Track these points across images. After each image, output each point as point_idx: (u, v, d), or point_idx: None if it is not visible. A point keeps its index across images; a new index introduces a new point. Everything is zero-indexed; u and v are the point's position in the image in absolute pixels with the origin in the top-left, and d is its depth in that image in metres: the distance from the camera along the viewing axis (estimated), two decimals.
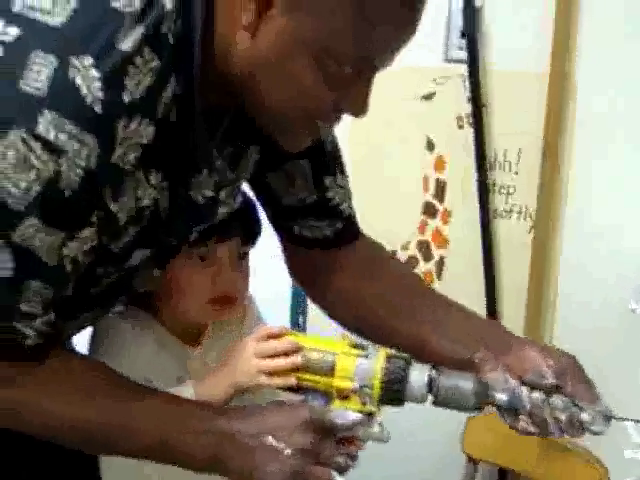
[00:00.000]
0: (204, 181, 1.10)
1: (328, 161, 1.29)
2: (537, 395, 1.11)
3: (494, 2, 2.06)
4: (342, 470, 1.07)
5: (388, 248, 2.20)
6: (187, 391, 1.26)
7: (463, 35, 2.07)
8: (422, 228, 2.23)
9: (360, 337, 1.35)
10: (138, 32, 0.93)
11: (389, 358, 1.09)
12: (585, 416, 1.09)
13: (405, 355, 1.11)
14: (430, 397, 1.10)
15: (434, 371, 1.10)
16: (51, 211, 0.93)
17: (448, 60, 2.11)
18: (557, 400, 1.10)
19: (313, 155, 1.24)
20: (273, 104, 1.00)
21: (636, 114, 1.97)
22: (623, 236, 2.03)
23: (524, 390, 1.11)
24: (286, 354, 1.15)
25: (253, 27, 0.95)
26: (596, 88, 2.00)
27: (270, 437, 1.04)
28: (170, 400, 1.10)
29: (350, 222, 1.33)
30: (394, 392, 1.08)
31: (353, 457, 1.09)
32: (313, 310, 2.37)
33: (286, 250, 1.37)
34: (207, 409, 1.11)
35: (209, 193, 1.11)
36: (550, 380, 1.11)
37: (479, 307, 2.16)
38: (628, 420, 1.14)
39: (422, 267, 2.25)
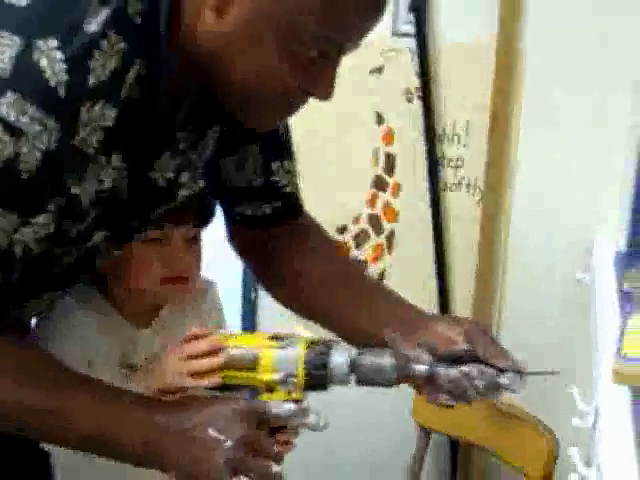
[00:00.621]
0: (165, 163, 1.10)
1: (278, 146, 1.29)
2: (454, 370, 1.12)
3: None
4: (278, 459, 1.06)
5: (339, 222, 2.24)
6: None
7: (411, 9, 2.07)
8: (372, 202, 2.24)
9: (298, 316, 1.37)
10: (104, 14, 0.92)
11: (309, 345, 1.11)
12: (503, 380, 1.10)
13: (325, 339, 1.13)
14: (353, 377, 1.11)
15: (354, 351, 1.12)
16: (7, 193, 0.92)
17: (396, 34, 2.10)
18: (472, 369, 1.11)
19: (264, 140, 1.25)
20: (239, 83, 1.01)
21: (583, 85, 1.99)
22: (570, 208, 2.06)
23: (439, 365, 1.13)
24: (209, 354, 1.16)
25: (220, 6, 0.95)
26: (543, 61, 2.02)
27: (210, 429, 1.04)
28: (108, 390, 1.08)
29: (290, 200, 1.33)
30: (317, 377, 1.10)
31: (287, 446, 1.11)
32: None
33: (231, 230, 1.38)
34: (144, 401, 1.10)
35: (170, 175, 1.11)
36: (462, 346, 1.13)
37: (429, 279, 2.18)
38: (541, 374, 1.14)
39: (373, 240, 2.25)
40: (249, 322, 2.39)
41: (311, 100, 1.06)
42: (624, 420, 1.19)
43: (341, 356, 1.10)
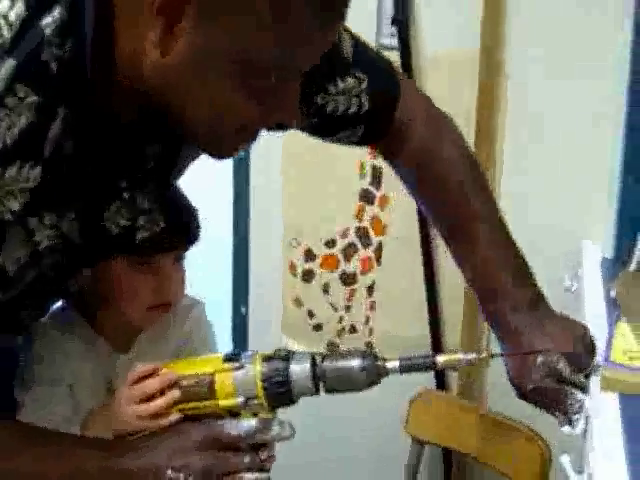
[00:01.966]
0: (116, 212, 1.05)
1: (310, 81, 1.09)
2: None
3: None
4: (253, 470, 1.04)
5: (326, 235, 2.25)
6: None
7: (393, 22, 2.08)
8: (360, 215, 2.24)
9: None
10: (8, 66, 0.84)
11: (265, 361, 1.05)
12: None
13: (283, 351, 1.06)
14: (321, 386, 1.06)
15: (318, 358, 1.06)
16: None
17: (380, 47, 2.11)
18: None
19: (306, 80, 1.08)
20: (194, 119, 0.94)
21: (568, 97, 2.00)
22: (558, 215, 2.07)
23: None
24: (162, 391, 1.10)
25: (162, 44, 0.88)
26: (527, 71, 2.03)
27: (169, 470, 1.01)
28: (73, 443, 1.07)
29: (372, 116, 1.25)
30: (280, 394, 1.04)
31: (266, 461, 1.05)
32: (255, 300, 2.38)
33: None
34: (104, 447, 1.07)
35: (124, 222, 1.06)
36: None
37: (418, 291, 2.19)
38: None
39: (361, 254, 2.26)
40: (240, 337, 2.40)
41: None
42: (614, 426, 1.19)
43: (301, 367, 1.04)
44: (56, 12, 0.87)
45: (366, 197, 2.23)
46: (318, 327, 2.32)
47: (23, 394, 1.29)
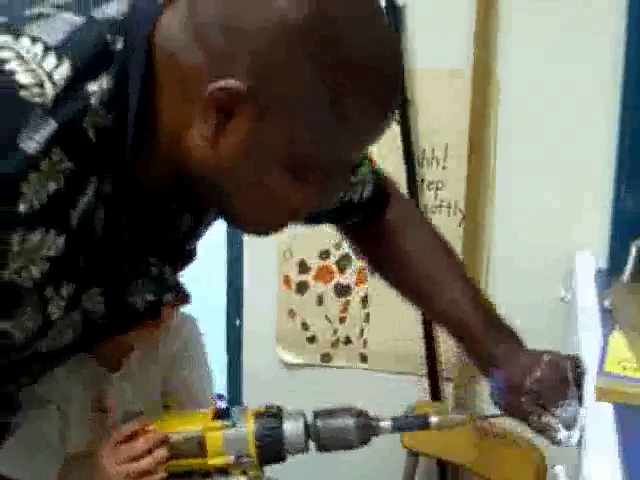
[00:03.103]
0: (141, 288, 1.01)
1: None
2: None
3: (417, 1, 2.08)
4: None
5: (322, 247, 2.24)
6: None
7: None
8: None
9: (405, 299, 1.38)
10: (49, 128, 0.81)
11: (257, 418, 1.05)
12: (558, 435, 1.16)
13: (275, 408, 1.07)
14: (312, 443, 1.06)
15: (310, 417, 1.06)
16: None
17: None
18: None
19: None
20: (242, 210, 0.94)
21: (559, 108, 2.01)
22: (550, 227, 2.08)
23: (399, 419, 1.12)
24: (150, 450, 1.09)
25: (213, 139, 0.86)
26: (519, 83, 2.04)
27: None
28: None
29: (373, 199, 1.29)
30: (272, 453, 1.04)
31: None
32: (249, 313, 2.38)
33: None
34: None
35: (150, 297, 1.02)
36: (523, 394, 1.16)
37: None
38: None
39: (356, 264, 2.26)
40: (234, 349, 2.39)
41: None
42: (608, 437, 1.19)
43: (295, 424, 1.04)
44: (104, 80, 0.85)
45: None
46: (312, 339, 2.32)
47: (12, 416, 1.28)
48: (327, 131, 0.87)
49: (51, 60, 0.83)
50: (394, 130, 2.13)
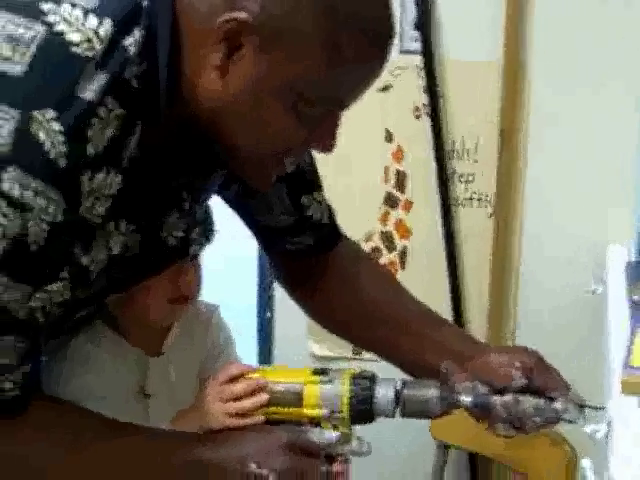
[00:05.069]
0: (174, 223, 1.10)
1: (305, 180, 1.29)
2: (507, 398, 1.12)
3: None
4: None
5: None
6: None
7: (417, 27, 2.09)
8: (384, 219, 2.25)
9: (341, 339, 1.38)
10: (101, 80, 0.90)
11: (354, 379, 1.11)
12: (558, 405, 1.12)
13: (369, 373, 1.12)
14: (398, 410, 1.11)
15: (399, 384, 1.11)
16: (19, 267, 0.91)
17: (403, 51, 2.12)
18: (526, 399, 1.12)
19: (288, 177, 1.24)
20: (243, 144, 1.00)
21: (589, 99, 2.00)
22: (581, 220, 2.07)
23: (492, 395, 1.13)
24: (252, 393, 1.15)
25: (222, 68, 0.94)
26: (549, 75, 2.03)
27: (253, 464, 1.05)
28: (152, 436, 1.10)
29: (330, 229, 1.34)
30: (363, 412, 1.10)
31: (339, 473, 1.11)
32: (280, 305, 2.39)
33: (269, 258, 1.39)
34: (189, 439, 1.12)
35: (180, 234, 1.12)
36: (520, 381, 1.13)
37: (443, 294, 2.19)
38: (598, 408, 1.16)
39: (386, 258, 2.26)
40: (265, 342, 2.41)
41: None
42: (634, 430, 1.19)
43: (386, 390, 1.10)
44: (136, 33, 0.93)
45: (390, 201, 2.23)
46: None
47: None
48: (324, 68, 0.94)
49: (92, 20, 0.91)
50: (425, 123, 2.14)
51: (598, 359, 1.77)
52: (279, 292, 2.37)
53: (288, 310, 2.36)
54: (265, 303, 2.38)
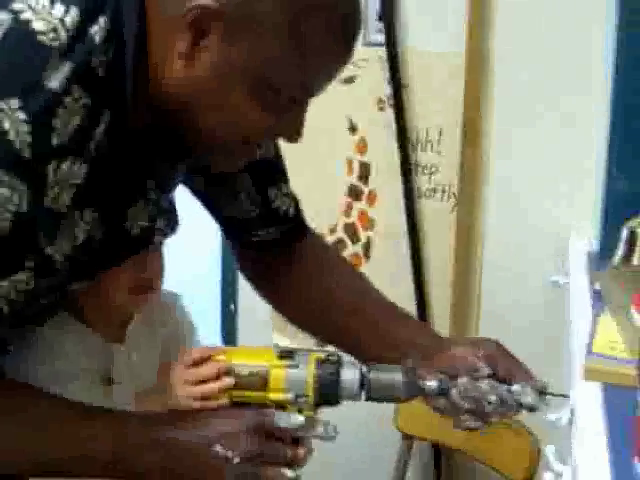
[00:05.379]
0: (138, 212, 1.10)
1: (271, 172, 1.29)
2: (465, 379, 1.14)
3: None
4: (292, 465, 1.09)
5: (316, 230, 2.24)
6: None
7: (380, 18, 2.09)
8: (348, 211, 2.25)
9: (305, 332, 1.38)
10: (66, 69, 0.90)
11: (319, 363, 1.11)
12: (516, 387, 1.13)
13: (335, 356, 1.13)
14: (363, 393, 1.12)
15: (364, 367, 1.12)
16: None
17: (367, 44, 2.12)
18: (484, 384, 1.14)
19: (255, 169, 1.24)
20: (209, 131, 1.01)
21: (553, 90, 2.01)
22: (543, 211, 2.07)
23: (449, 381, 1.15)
24: (217, 376, 1.15)
25: (188, 55, 0.95)
26: (513, 66, 2.03)
27: (218, 445, 1.05)
28: (115, 417, 1.10)
29: (296, 222, 1.35)
30: (328, 396, 1.10)
31: (301, 457, 1.10)
32: (244, 297, 2.38)
33: (234, 249, 1.39)
34: (155, 420, 1.12)
35: (144, 224, 1.12)
36: (483, 371, 1.15)
37: (406, 285, 2.19)
38: (560, 395, 1.17)
39: (350, 249, 2.26)
40: (229, 335, 2.40)
41: None
42: (596, 416, 1.20)
43: (352, 374, 1.11)
44: (102, 21, 0.93)
45: (354, 193, 2.23)
46: None
47: None
48: (288, 55, 0.95)
49: (59, 8, 0.91)
50: (388, 113, 2.14)
51: (561, 349, 1.78)
52: (243, 285, 2.37)
53: (252, 303, 2.37)
54: (229, 295, 2.37)
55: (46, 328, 1.31)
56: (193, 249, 1.48)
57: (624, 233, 1.56)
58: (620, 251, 1.56)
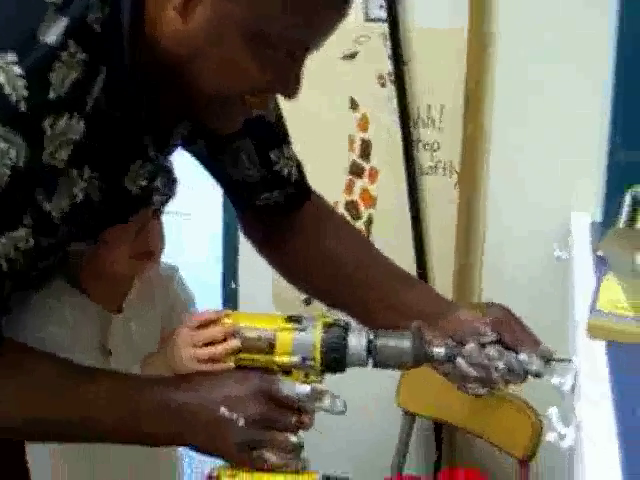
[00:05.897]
0: (137, 171, 1.10)
1: (272, 135, 1.29)
2: (472, 345, 1.14)
3: None
4: (295, 430, 1.07)
5: None
6: None
7: None
8: (349, 188, 2.24)
9: (312, 297, 1.37)
10: (62, 23, 0.90)
11: (326, 328, 1.10)
12: (523, 356, 1.13)
13: (342, 321, 1.12)
14: (370, 359, 1.11)
15: (372, 334, 1.11)
16: None
17: (368, 19, 2.12)
18: (492, 350, 1.14)
19: (255, 132, 1.24)
20: (206, 86, 1.00)
21: (555, 66, 2.01)
22: (545, 187, 2.08)
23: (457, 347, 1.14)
24: (223, 338, 1.14)
25: (184, 8, 0.94)
26: (515, 42, 2.03)
27: (223, 408, 1.05)
28: (120, 380, 1.10)
29: (300, 186, 1.34)
30: (335, 361, 1.09)
31: (306, 424, 1.09)
32: (244, 273, 2.38)
33: (239, 215, 1.39)
34: (161, 382, 1.11)
35: (143, 183, 1.11)
36: (490, 337, 1.15)
37: (408, 263, 2.18)
38: (565, 360, 1.17)
39: None
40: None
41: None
42: (600, 373, 1.19)
43: (359, 339, 1.09)
44: None
45: (355, 170, 2.23)
46: (308, 301, 2.31)
47: None
48: (284, 8, 0.94)
49: None
50: (390, 91, 2.13)
51: (565, 322, 1.78)
52: (244, 262, 2.37)
53: (253, 280, 2.37)
54: (230, 274, 2.37)
55: (44, 294, 1.31)
56: (195, 228, 1.47)
57: (627, 198, 1.56)
58: (623, 216, 1.56)
